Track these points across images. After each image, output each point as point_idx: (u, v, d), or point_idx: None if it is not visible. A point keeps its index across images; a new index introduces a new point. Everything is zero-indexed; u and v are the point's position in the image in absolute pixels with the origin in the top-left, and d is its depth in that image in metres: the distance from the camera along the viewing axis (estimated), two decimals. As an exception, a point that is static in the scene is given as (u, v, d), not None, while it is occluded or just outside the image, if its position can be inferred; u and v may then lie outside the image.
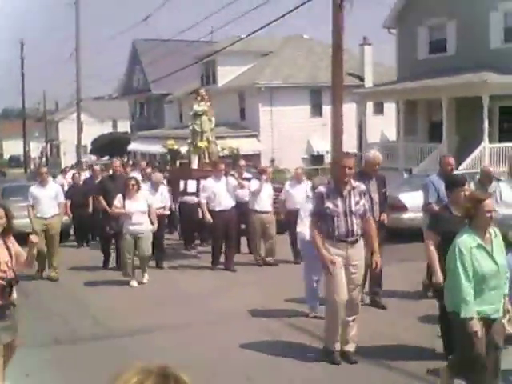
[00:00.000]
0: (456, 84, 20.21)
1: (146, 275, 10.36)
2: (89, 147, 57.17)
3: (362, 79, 31.86)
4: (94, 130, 60.89)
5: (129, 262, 10.04)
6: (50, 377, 6.05)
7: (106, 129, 63.42)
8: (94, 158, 55.92)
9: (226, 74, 34.20)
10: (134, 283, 10.04)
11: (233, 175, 11.63)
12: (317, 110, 32.03)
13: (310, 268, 7.50)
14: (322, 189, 6.22)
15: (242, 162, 13.00)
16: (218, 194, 11.08)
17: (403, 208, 13.13)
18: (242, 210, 11.70)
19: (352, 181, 6.19)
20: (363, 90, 27.24)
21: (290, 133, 30.38)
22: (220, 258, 11.36)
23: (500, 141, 20.48)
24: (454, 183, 5.97)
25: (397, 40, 25.31)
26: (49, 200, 10.68)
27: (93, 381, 5.88)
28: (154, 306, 8.67)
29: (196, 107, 12.98)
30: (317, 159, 30.81)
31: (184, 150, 14.16)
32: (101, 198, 11.46)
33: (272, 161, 29.36)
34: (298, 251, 10.90)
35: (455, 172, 8.26)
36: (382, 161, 8.37)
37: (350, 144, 26.17)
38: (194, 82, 37.43)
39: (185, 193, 12.89)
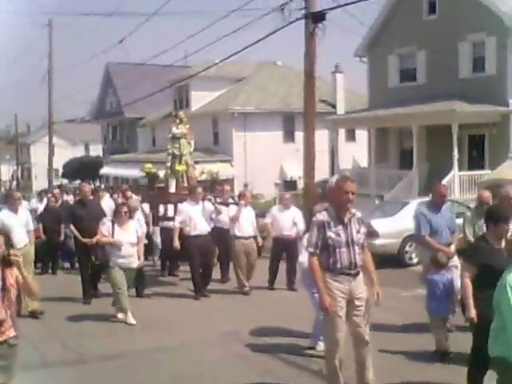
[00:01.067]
0: (426, 112, 20.56)
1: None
2: (60, 170, 56.73)
3: (334, 106, 32.24)
4: (66, 153, 60.45)
5: (125, 295, 8.94)
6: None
7: (79, 152, 63.05)
8: (65, 181, 55.50)
9: (200, 99, 34.34)
10: (131, 320, 8.88)
11: (210, 200, 11.31)
12: (289, 136, 32.26)
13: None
14: (321, 216, 5.61)
15: (227, 187, 12.92)
16: (194, 218, 10.72)
17: (375, 234, 13.22)
18: (225, 236, 11.49)
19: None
20: (335, 117, 27.55)
21: (263, 158, 30.52)
22: (200, 284, 10.84)
23: (469, 168, 20.82)
24: (500, 217, 5.58)
25: (368, 68, 25.71)
26: (21, 228, 9.53)
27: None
28: (129, 332, 8.52)
29: (175, 130, 12.78)
30: (289, 184, 30.95)
31: (162, 173, 13.85)
32: (72, 227, 10.62)
33: (245, 185, 29.40)
34: (293, 279, 10.81)
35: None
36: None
37: (322, 170, 26.47)
38: (168, 107, 37.52)
39: (165, 217, 12.55)
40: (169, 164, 12.89)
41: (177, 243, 10.79)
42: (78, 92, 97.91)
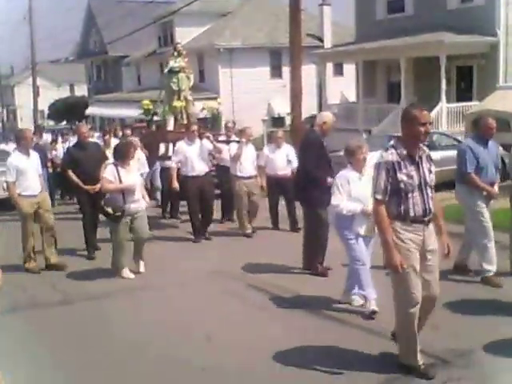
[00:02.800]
0: (413, 44, 20.32)
1: (142, 262, 8.49)
2: (46, 112, 56.12)
3: (321, 40, 31.76)
4: (51, 94, 59.76)
5: (125, 247, 8.15)
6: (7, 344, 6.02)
7: (64, 93, 62.27)
8: (51, 122, 55.01)
9: (185, 35, 33.62)
10: (128, 273, 8.18)
11: (208, 137, 10.43)
12: (277, 72, 31.88)
13: (354, 248, 6.39)
14: (390, 156, 4.72)
15: (230, 124, 12.15)
16: (191, 158, 10.10)
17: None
18: (227, 174, 10.98)
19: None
20: (322, 51, 27.18)
21: (250, 94, 30.23)
22: (201, 228, 10.44)
23: (458, 100, 20.75)
24: None
25: (355, 0, 25.22)
26: (35, 173, 8.61)
27: (53, 344, 5.91)
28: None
29: (172, 63, 11.94)
30: (277, 121, 30.78)
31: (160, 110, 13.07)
32: (71, 173, 9.40)
33: (233, 123, 29.18)
34: (296, 219, 10.53)
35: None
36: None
37: (310, 105, 26.32)
38: (152, 44, 36.87)
39: (165, 157, 11.91)
40: (166, 100, 12.21)
41: (176, 184, 10.32)
42: (61, 31, 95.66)
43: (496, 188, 7.22)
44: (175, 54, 12.09)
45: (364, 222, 6.31)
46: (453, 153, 8.27)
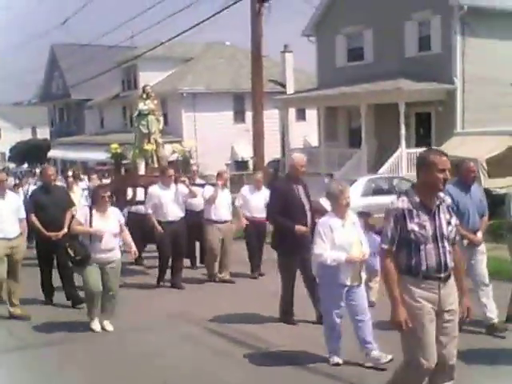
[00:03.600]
0: (373, 91, 20.77)
1: (107, 321, 7.70)
2: (7, 154, 55.51)
3: (284, 86, 32.25)
4: (13, 136, 59.17)
5: (96, 296, 7.45)
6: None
7: (26, 135, 61.79)
8: (12, 165, 54.36)
9: (148, 80, 33.66)
10: (96, 326, 7.57)
11: (183, 182, 10.09)
12: (240, 116, 32.16)
13: (331, 299, 6.08)
14: (400, 203, 4.32)
15: (195, 167, 11.86)
16: (166, 203, 9.71)
17: (324, 212, 13.29)
18: (197, 220, 10.51)
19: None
20: (285, 97, 27.58)
21: (214, 139, 30.36)
22: (166, 274, 10.07)
23: (417, 145, 21.14)
24: None
25: (316, 48, 25.79)
26: (11, 215, 8.06)
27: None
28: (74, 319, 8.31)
29: (141, 106, 11.62)
30: (241, 165, 30.93)
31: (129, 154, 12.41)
32: (33, 218, 8.75)
33: (197, 166, 29.17)
34: (258, 264, 10.38)
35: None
36: (305, 163, 7.63)
37: (274, 149, 26.54)
38: (115, 88, 36.94)
39: (133, 202, 11.59)
40: (136, 144, 11.77)
41: (159, 227, 9.69)
42: (24, 74, 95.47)
43: (479, 235, 6.84)
44: (144, 96, 11.81)
45: (349, 270, 5.96)
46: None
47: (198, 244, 11.44)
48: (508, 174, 14.90)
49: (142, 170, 11.67)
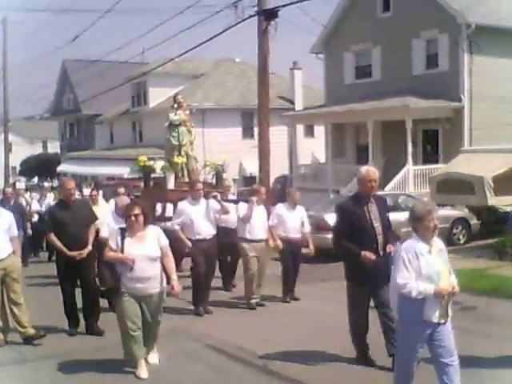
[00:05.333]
0: (380, 108, 20.83)
1: (155, 353, 6.81)
2: (18, 168, 55.88)
3: (292, 102, 32.40)
4: (23, 150, 59.56)
5: (136, 336, 6.31)
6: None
7: (37, 150, 62.23)
8: (23, 179, 54.74)
9: (158, 96, 34.09)
10: (143, 373, 6.33)
11: (215, 197, 9.27)
12: (248, 132, 32.24)
13: (412, 339, 5.16)
14: None
15: (228, 182, 11.33)
16: (196, 219, 8.98)
17: (328, 228, 13.31)
18: (231, 238, 9.93)
19: None
20: (293, 113, 27.69)
21: (222, 154, 30.37)
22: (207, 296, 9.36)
23: (424, 163, 21.18)
24: None
25: (324, 65, 25.93)
26: (3, 234, 7.58)
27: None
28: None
29: (172, 116, 11.06)
30: (249, 181, 30.97)
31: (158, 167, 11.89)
32: (53, 237, 8.05)
33: (203, 182, 29.26)
34: (291, 288, 9.90)
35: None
36: (377, 177, 6.51)
37: (282, 166, 26.62)
38: (125, 103, 37.23)
39: (163, 218, 10.89)
40: (165, 156, 11.33)
41: (188, 243, 9.05)
42: (36, 89, 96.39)
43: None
44: (175, 106, 11.32)
45: (437, 306, 5.04)
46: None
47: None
48: (514, 191, 14.85)
49: (171, 184, 11.02)
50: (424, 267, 5.02)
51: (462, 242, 15.54)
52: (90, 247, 7.98)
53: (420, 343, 5.10)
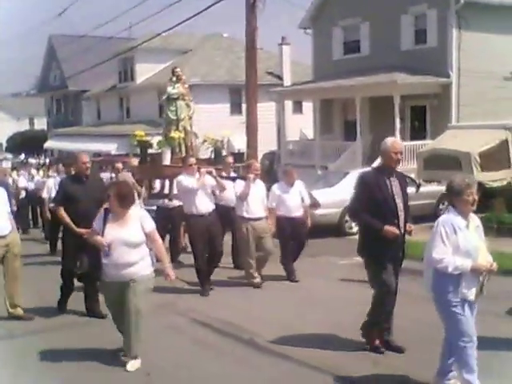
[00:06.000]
0: (368, 84, 20.77)
1: (137, 359, 6.02)
2: (4, 145, 55.55)
3: (281, 78, 32.26)
4: (10, 127, 59.16)
5: (117, 324, 6.21)
6: None
7: (23, 126, 61.79)
8: (10, 155, 54.42)
9: (145, 71, 33.86)
10: (131, 366, 5.93)
11: (210, 172, 9.05)
12: (236, 108, 32.12)
13: (460, 319, 4.91)
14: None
15: (230, 159, 10.77)
16: (195, 194, 8.84)
17: (316, 204, 13.34)
18: (230, 216, 9.63)
19: None
20: (281, 89, 27.55)
21: (210, 130, 30.24)
22: (209, 277, 9.11)
23: (411, 139, 21.19)
24: None
25: (312, 40, 25.75)
26: (3, 210, 7.45)
27: None
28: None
29: (170, 90, 10.69)
30: (237, 157, 30.86)
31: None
32: (62, 211, 7.75)
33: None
34: (293, 269, 9.61)
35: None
36: (402, 150, 6.23)
37: (270, 142, 26.56)
38: (112, 79, 36.94)
39: (161, 195, 10.76)
40: (163, 131, 11.04)
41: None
42: (21, 65, 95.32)
43: None
44: (174, 79, 10.88)
45: (474, 283, 4.90)
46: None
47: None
48: (501, 167, 14.94)
49: (167, 160, 10.72)
50: (462, 242, 4.86)
51: (448, 217, 15.60)
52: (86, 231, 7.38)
53: (466, 318, 4.87)
